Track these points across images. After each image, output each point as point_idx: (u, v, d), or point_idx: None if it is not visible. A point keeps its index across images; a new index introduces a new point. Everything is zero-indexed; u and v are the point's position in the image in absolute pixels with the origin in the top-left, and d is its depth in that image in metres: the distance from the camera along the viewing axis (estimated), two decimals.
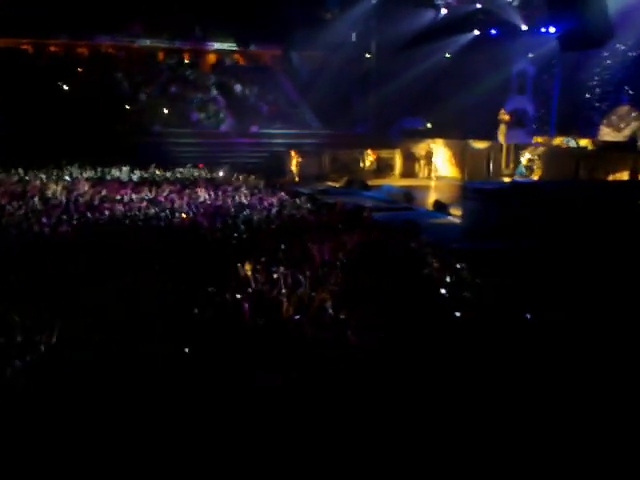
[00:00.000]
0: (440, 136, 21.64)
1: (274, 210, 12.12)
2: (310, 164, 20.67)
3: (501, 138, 19.23)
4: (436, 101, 22.07)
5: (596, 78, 20.39)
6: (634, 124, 18.70)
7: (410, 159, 21.87)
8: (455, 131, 20.98)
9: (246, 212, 11.81)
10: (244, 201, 13.26)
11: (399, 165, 21.92)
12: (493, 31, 21.94)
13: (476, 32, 22.25)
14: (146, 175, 18.64)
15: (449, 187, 18.36)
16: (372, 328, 5.40)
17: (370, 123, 23.60)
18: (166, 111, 25.72)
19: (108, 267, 7.56)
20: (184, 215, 11.52)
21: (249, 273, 7.59)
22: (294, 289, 6.85)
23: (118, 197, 13.57)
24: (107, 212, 11.60)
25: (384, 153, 21.64)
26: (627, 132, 18.68)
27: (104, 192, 14.14)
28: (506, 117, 19.34)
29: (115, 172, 18.72)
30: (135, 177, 18.13)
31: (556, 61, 21.51)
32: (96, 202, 12.85)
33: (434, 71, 22.87)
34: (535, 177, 17.03)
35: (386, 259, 8.44)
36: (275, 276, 7.17)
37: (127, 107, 25.44)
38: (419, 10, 21.54)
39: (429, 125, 24.05)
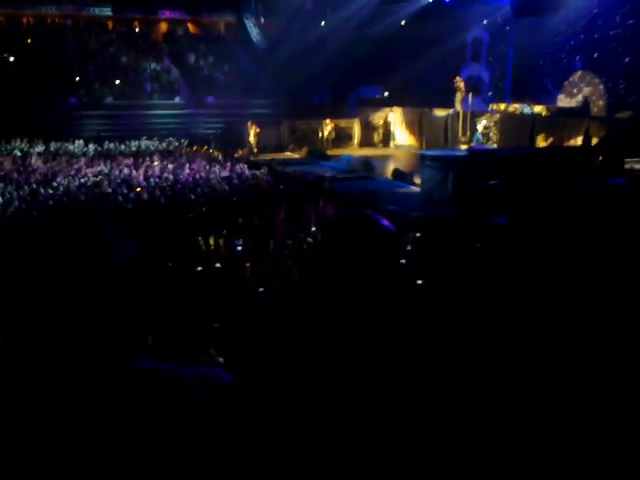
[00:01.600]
0: (398, 104, 21.65)
1: (234, 182, 12.02)
2: (268, 134, 20.47)
3: (457, 106, 19.33)
4: (393, 69, 22.03)
5: (549, 45, 20.65)
6: (586, 89, 19.02)
7: (369, 128, 21.86)
8: (412, 99, 21.01)
9: (205, 184, 11.68)
10: (202, 173, 13.11)
11: (358, 134, 21.89)
12: None
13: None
14: (100, 149, 18.26)
15: (408, 155, 18.46)
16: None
17: (328, 92, 23.46)
18: (118, 82, 25.06)
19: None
20: (139, 189, 11.32)
21: (210, 247, 7.57)
22: (255, 262, 6.86)
23: (72, 172, 13.25)
24: (61, 188, 11.33)
25: (343, 122, 21.56)
26: (580, 97, 18.99)
27: (57, 167, 13.80)
28: (461, 84, 19.42)
29: (69, 146, 18.27)
30: (90, 151, 17.75)
31: (510, 28, 21.67)
32: (49, 177, 12.53)
33: (390, 39, 22.80)
34: (492, 144, 17.24)
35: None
36: (239, 249, 7.16)
37: (77, 79, 24.69)
38: None
39: (386, 93, 24.03)
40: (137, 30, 28.17)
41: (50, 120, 20.43)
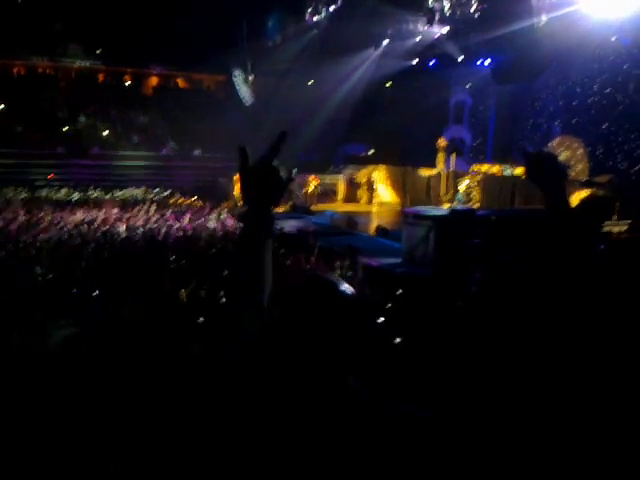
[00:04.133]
0: (382, 162, 22.02)
1: (217, 234, 12.05)
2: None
3: (440, 165, 19.72)
4: (378, 128, 22.50)
5: (529, 109, 21.26)
6: (565, 153, 19.50)
7: (353, 185, 22.14)
8: (396, 158, 21.40)
9: (189, 236, 11.69)
10: (186, 225, 13.14)
11: (342, 190, 22.15)
12: (432, 62, 22.62)
13: (414, 62, 22.89)
14: (84, 197, 18.35)
15: (390, 212, 18.67)
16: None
17: (314, 149, 23.82)
18: (106, 133, 25.35)
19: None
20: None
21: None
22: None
23: (55, 220, 13.22)
24: (40, 235, 11.26)
25: (327, 179, 21.84)
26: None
27: (40, 214, 13.77)
28: (443, 144, 19.87)
29: (52, 194, 18.34)
30: (74, 199, 17.83)
31: (491, 92, 22.33)
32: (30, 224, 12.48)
33: (376, 99, 23.37)
34: (474, 204, 17.50)
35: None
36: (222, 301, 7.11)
37: (65, 128, 24.96)
38: (360, 41, 22.00)
39: (372, 151, 24.47)
40: (127, 83, 28.66)
41: (37, 167, 20.62)
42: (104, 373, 4.48)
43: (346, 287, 1.27)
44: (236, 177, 20.65)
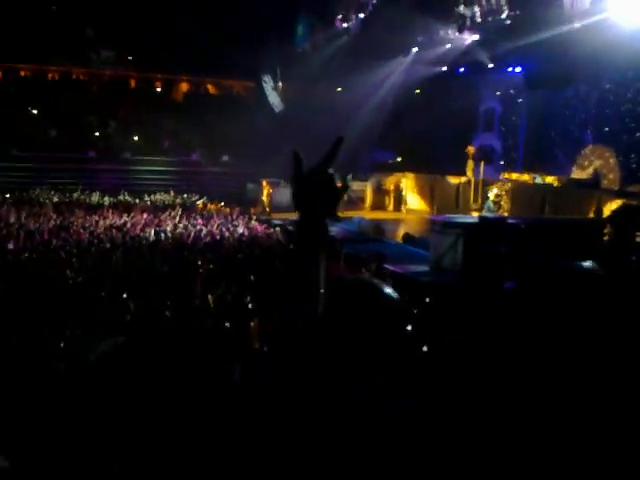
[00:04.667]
0: (410, 170, 21.93)
1: (246, 240, 12.11)
2: (282, 194, 20.72)
3: (469, 173, 19.57)
4: (406, 135, 22.42)
5: (560, 117, 20.99)
6: (597, 162, 19.22)
7: (380, 192, 22.10)
8: (424, 165, 21.30)
9: (217, 240, 11.77)
10: (215, 231, 13.23)
11: (369, 197, 22.12)
12: (461, 69, 22.46)
13: (444, 69, 22.77)
14: (115, 201, 18.66)
15: (419, 220, 18.57)
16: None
17: (341, 155, 23.86)
18: (136, 138, 25.69)
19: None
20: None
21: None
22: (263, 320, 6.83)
23: (87, 224, 13.43)
24: (71, 238, 11.45)
25: (355, 185, 21.82)
26: (590, 170, 19.18)
27: (71, 218, 14.00)
28: (472, 151, 19.71)
29: (83, 197, 18.69)
30: (105, 203, 18.16)
31: (522, 99, 22.10)
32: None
33: (405, 106, 23.27)
34: (503, 212, 17.33)
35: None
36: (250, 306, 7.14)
37: (96, 134, 25.37)
38: (390, 48, 21.95)
39: (399, 159, 24.39)
40: (158, 89, 28.99)
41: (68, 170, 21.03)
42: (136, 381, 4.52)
43: (391, 291, 1.30)
44: (264, 183, 20.78)
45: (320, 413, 1.27)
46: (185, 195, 20.77)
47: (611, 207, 14.24)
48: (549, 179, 18.10)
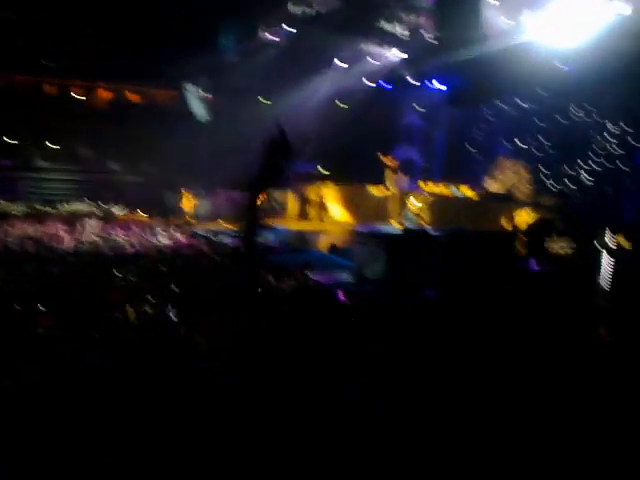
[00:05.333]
0: (333, 181, 22.13)
1: (168, 252, 11.86)
2: (204, 205, 20.50)
3: (390, 185, 19.96)
4: (328, 146, 22.60)
5: (479, 133, 21.81)
6: (510, 176, 20.03)
7: (304, 202, 22.15)
8: (347, 176, 21.54)
9: (140, 254, 11.48)
10: (135, 242, 12.89)
11: (293, 207, 22.14)
12: (386, 85, 22.95)
13: (369, 84, 23.17)
14: (29, 210, 17.95)
15: (342, 231, 18.72)
16: None
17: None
18: (52, 146, 24.77)
19: None
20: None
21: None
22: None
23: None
24: None
25: (277, 195, 21.79)
26: (504, 183, 19.96)
27: None
28: (393, 164, 20.10)
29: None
30: (19, 212, 17.52)
31: (443, 116, 22.81)
32: None
33: (327, 117, 23.49)
34: (424, 224, 17.74)
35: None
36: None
37: (10, 141, 24.29)
38: (316, 62, 22.15)
39: (321, 169, 24.55)
40: (76, 96, 28.01)
41: None
42: None
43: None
44: (185, 193, 20.47)
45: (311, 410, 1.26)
46: (103, 205, 20.17)
47: (523, 218, 14.90)
48: (467, 192, 18.71)
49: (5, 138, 24.01)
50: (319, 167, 24.48)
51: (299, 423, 4.34)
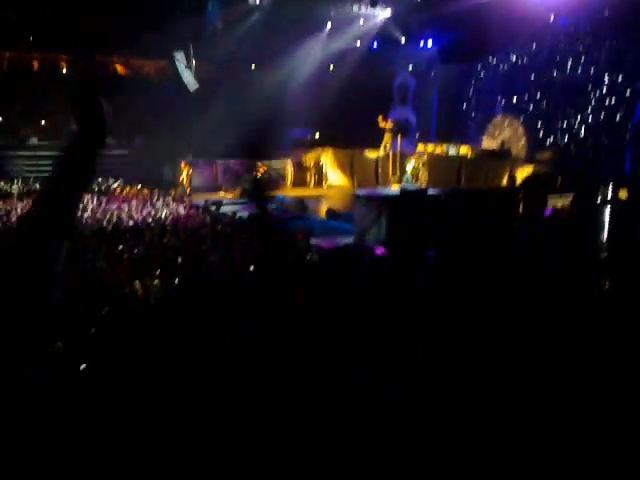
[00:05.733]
0: (328, 145, 22.05)
1: (168, 223, 11.87)
2: (202, 175, 20.44)
3: (387, 147, 19.90)
4: (322, 111, 22.45)
5: (471, 90, 21.63)
6: (506, 132, 19.97)
7: (301, 169, 22.12)
8: (342, 140, 21.47)
9: (141, 225, 11.49)
10: (135, 214, 12.89)
11: (290, 175, 22.11)
12: (375, 44, 22.68)
13: (358, 44, 22.90)
14: (25, 188, 17.98)
15: (340, 195, 18.76)
16: None
17: (259, 133, 23.61)
18: (43, 122, 24.56)
19: None
20: None
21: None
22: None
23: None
24: None
25: (275, 163, 21.75)
26: (500, 140, 19.91)
27: None
28: (389, 125, 19.99)
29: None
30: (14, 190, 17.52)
31: (435, 73, 22.59)
32: None
33: (320, 82, 23.29)
34: (421, 184, 17.76)
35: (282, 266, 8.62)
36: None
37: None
38: (303, 25, 21.82)
39: (317, 135, 24.43)
40: (64, 71, 27.65)
41: None
42: None
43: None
44: (183, 163, 20.39)
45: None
46: (99, 179, 20.08)
47: (522, 174, 14.91)
48: (463, 150, 18.66)
49: None
50: (314, 133, 24.36)
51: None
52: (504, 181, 14.95)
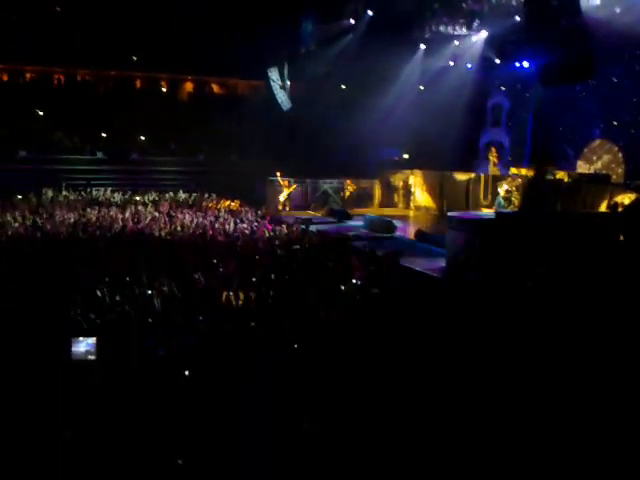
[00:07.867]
0: (418, 167, 21.91)
1: (259, 238, 12.12)
2: (294, 193, 20.81)
3: (477, 169, 19.56)
4: (411, 132, 22.35)
5: (568, 112, 20.93)
6: (605, 157, 19.19)
7: (389, 189, 22.09)
8: (432, 162, 21.26)
9: (235, 239, 11.79)
10: (229, 229, 13.23)
11: (378, 195, 22.12)
12: (469, 65, 22.39)
13: (451, 65, 22.68)
14: (127, 198, 19.11)
15: (428, 217, 18.58)
16: None
17: (348, 152, 23.75)
18: (143, 138, 25.69)
19: None
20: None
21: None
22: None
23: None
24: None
25: (363, 183, 21.84)
26: (599, 165, 19.15)
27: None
28: (494, 154, 19.76)
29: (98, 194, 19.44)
30: (117, 199, 18.64)
31: (530, 95, 22.03)
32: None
33: (409, 102, 23.19)
34: (514, 208, 17.29)
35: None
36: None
37: (103, 135, 25.37)
38: (397, 45, 21.85)
39: (406, 155, 24.33)
40: (163, 89, 28.88)
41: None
42: None
43: None
44: (283, 180, 20.72)
45: None
46: (195, 194, 20.83)
47: (623, 201, 14.24)
48: (559, 174, 18.03)
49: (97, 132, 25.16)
50: (402, 153, 24.29)
51: None
52: (603, 207, 14.31)
